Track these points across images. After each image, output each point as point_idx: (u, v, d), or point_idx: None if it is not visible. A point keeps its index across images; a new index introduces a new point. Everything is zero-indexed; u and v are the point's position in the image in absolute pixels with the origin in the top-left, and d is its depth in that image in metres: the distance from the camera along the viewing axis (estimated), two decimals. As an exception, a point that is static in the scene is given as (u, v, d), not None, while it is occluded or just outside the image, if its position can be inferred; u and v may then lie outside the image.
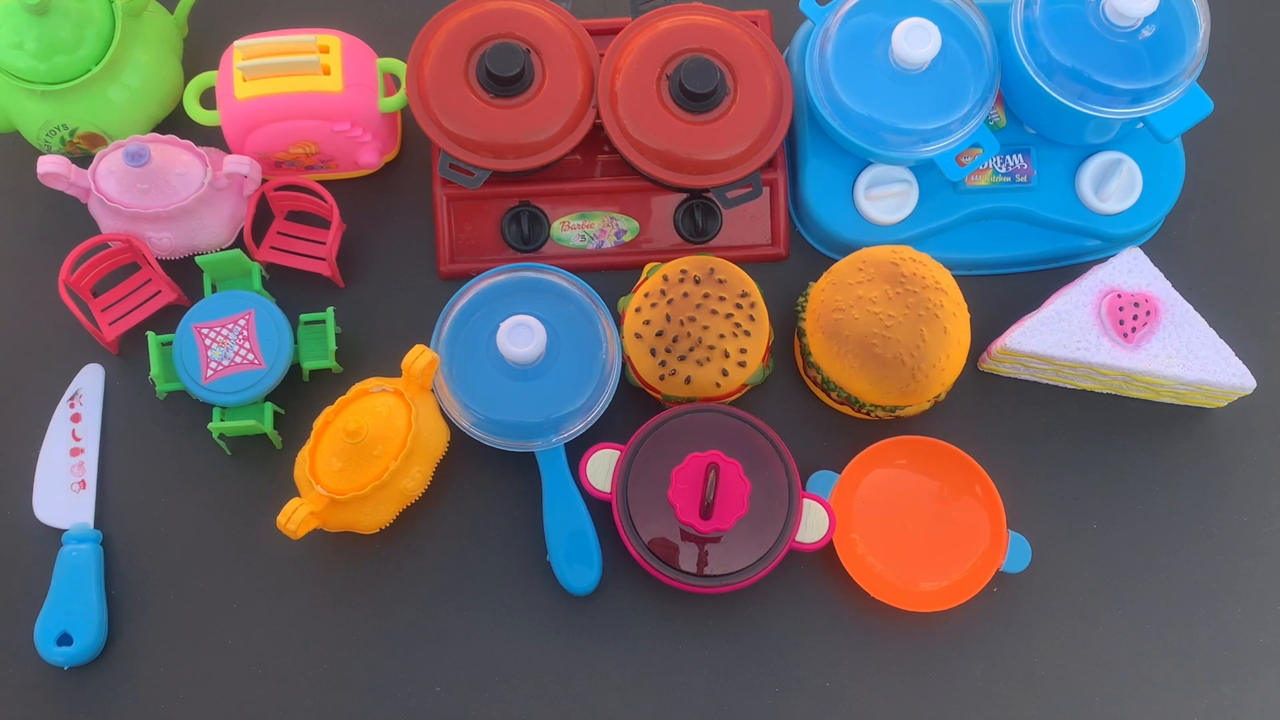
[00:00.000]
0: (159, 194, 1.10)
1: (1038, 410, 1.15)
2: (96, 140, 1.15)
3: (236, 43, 1.10)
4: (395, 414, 1.04)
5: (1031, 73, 1.07)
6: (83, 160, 1.18)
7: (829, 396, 1.12)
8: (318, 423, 1.05)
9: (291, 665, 1.08)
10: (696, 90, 1.08)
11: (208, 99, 1.16)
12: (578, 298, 1.09)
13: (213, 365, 1.09)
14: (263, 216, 1.17)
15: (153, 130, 1.17)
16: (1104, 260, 1.13)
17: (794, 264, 1.18)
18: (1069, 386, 1.15)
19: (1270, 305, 1.18)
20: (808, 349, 1.10)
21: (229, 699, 1.08)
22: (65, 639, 1.06)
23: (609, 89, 1.10)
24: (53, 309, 1.13)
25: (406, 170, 1.20)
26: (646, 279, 1.12)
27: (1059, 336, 1.09)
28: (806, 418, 1.14)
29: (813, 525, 1.05)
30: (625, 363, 1.10)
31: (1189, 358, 1.08)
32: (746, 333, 1.07)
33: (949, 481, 1.11)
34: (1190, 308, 1.10)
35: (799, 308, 1.12)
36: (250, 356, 1.09)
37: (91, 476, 1.12)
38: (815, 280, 1.11)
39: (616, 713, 1.08)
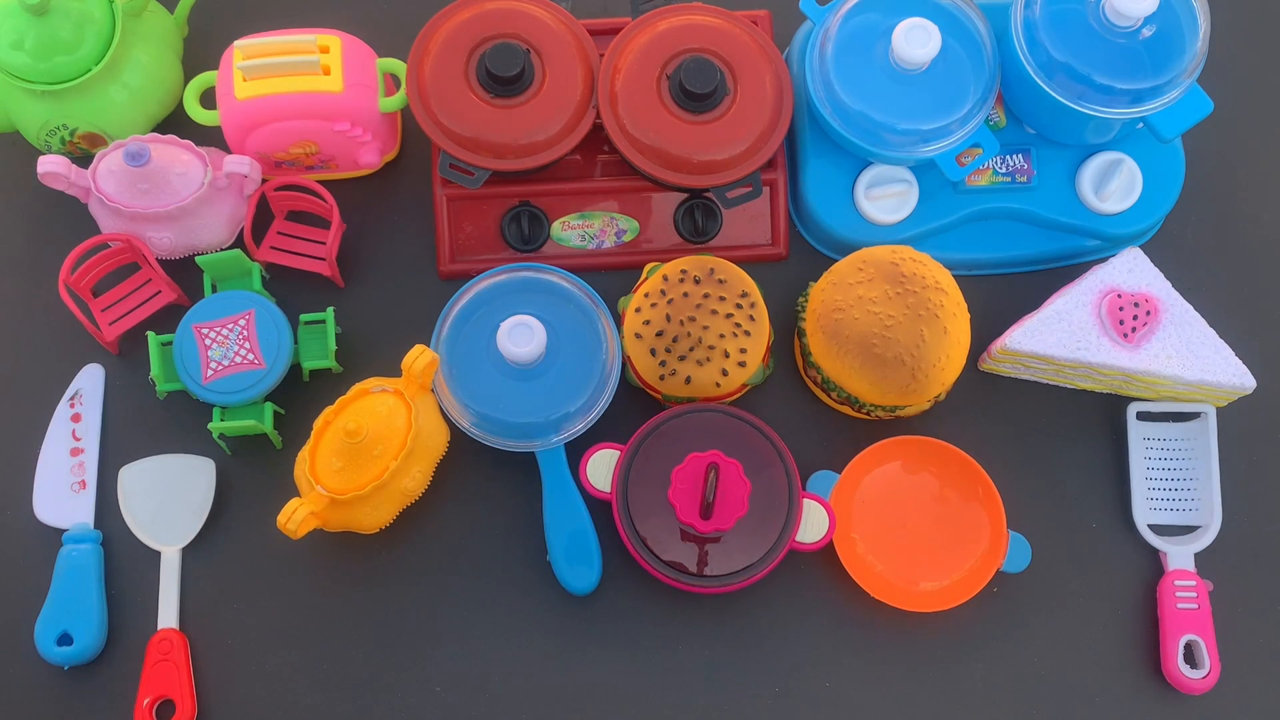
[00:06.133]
0: (159, 194, 1.10)
1: (1038, 410, 1.15)
2: (96, 140, 1.15)
3: (236, 43, 1.10)
4: (395, 414, 1.04)
5: (1031, 73, 1.07)
6: (83, 160, 1.18)
7: (829, 396, 1.12)
8: (318, 423, 1.05)
9: (291, 665, 1.08)
10: (696, 90, 1.08)
11: (208, 99, 1.16)
12: (578, 298, 1.09)
13: (213, 365, 1.09)
14: (263, 216, 1.17)
15: (153, 130, 1.17)
16: (1104, 260, 1.13)
17: (794, 264, 1.18)
18: (1069, 386, 1.15)
19: (1270, 305, 1.18)
20: (808, 349, 1.10)
21: (229, 699, 1.08)
22: (65, 639, 1.06)
23: (609, 89, 1.10)
24: (53, 309, 1.13)
25: (406, 170, 1.20)
26: (646, 279, 1.12)
27: (1059, 336, 1.09)
28: (806, 418, 1.14)
29: (813, 525, 1.05)
30: (625, 363, 1.10)
31: (1189, 358, 1.08)
32: (746, 333, 1.07)
33: (949, 481, 1.11)
34: (1190, 308, 1.10)
35: (799, 308, 1.12)
36: (250, 356, 1.09)
37: (91, 476, 1.12)
38: (815, 280, 1.11)
39: (616, 713, 1.08)
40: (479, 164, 1.09)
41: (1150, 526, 1.11)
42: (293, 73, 1.09)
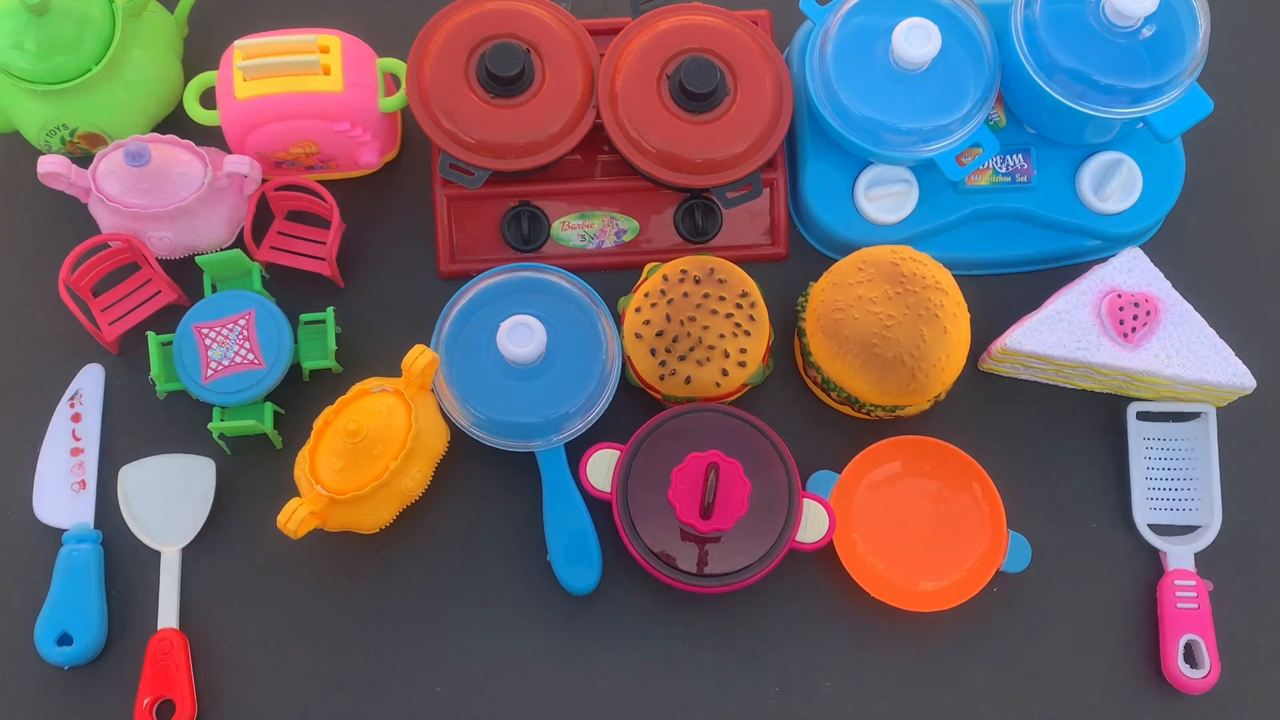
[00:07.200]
0: (159, 194, 1.10)
1: (1038, 410, 1.15)
2: (96, 140, 1.15)
3: (236, 43, 1.10)
4: (395, 414, 1.04)
5: (1031, 73, 1.07)
6: (83, 160, 1.18)
7: (829, 396, 1.12)
8: (318, 423, 1.05)
9: (291, 665, 1.08)
10: (696, 90, 1.08)
11: (208, 99, 1.16)
12: (578, 298, 1.10)
13: (213, 365, 1.09)
14: (263, 216, 1.17)
15: (153, 130, 1.17)
16: (1104, 260, 1.13)
17: (794, 264, 1.18)
18: (1069, 386, 1.15)
19: (1270, 305, 1.18)
20: (808, 349, 1.10)
21: (229, 699, 1.08)
22: (65, 639, 1.06)
23: (609, 89, 1.10)
24: (53, 309, 1.13)
25: (406, 170, 1.20)
26: (646, 279, 1.12)
27: (1059, 336, 1.09)
28: (806, 418, 1.14)
29: (813, 525, 1.05)
30: (625, 363, 1.10)
31: (1189, 358, 1.08)
32: (746, 333, 1.07)
33: (949, 481, 1.11)
34: (1190, 308, 1.10)
35: (799, 308, 1.12)
36: (250, 356, 1.09)
37: (91, 476, 1.12)
38: (815, 280, 1.11)
39: (616, 713, 1.08)
40: (479, 164, 1.09)
41: (1150, 526, 1.11)
42: (293, 73, 1.09)
